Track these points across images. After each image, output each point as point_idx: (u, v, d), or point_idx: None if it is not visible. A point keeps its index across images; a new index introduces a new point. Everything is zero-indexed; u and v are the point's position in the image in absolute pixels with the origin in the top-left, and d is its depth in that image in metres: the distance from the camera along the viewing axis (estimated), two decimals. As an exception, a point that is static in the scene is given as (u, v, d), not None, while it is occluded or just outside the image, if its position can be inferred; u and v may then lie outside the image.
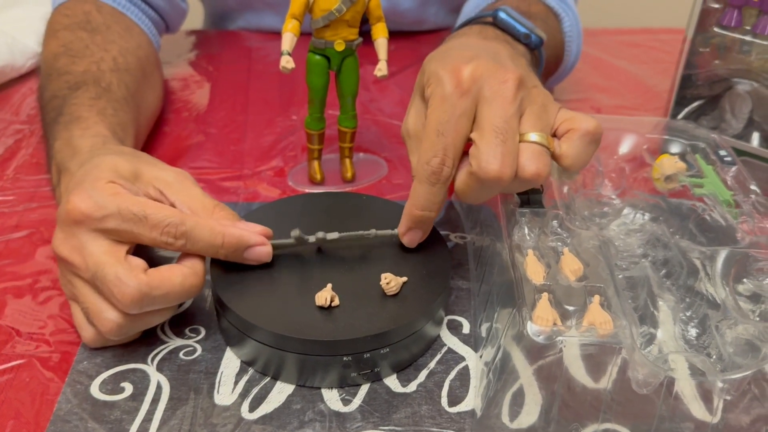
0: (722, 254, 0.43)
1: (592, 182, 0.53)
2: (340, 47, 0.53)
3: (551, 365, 0.37)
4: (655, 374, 0.36)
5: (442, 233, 0.48)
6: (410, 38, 0.90)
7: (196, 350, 0.43)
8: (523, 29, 0.54)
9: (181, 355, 0.43)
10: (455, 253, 0.52)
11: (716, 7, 0.57)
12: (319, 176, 0.59)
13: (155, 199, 0.43)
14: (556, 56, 0.65)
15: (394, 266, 0.44)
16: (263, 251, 0.43)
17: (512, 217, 0.45)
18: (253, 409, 0.40)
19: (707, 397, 0.37)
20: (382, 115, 0.73)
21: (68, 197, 0.40)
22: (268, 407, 0.40)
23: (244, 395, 0.41)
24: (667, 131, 0.55)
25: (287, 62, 0.50)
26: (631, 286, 0.44)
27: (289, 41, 0.51)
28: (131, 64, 0.62)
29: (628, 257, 0.47)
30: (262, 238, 0.43)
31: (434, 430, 0.39)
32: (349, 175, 0.60)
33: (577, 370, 0.38)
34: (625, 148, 0.55)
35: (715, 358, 0.40)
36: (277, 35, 0.91)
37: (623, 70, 0.86)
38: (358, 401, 0.40)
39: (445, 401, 0.41)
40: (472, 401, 0.41)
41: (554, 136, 0.43)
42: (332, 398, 0.41)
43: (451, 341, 0.45)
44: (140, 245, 0.42)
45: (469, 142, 0.42)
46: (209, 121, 0.71)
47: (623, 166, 0.54)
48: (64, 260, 0.40)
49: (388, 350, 0.41)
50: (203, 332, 0.45)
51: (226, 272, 0.43)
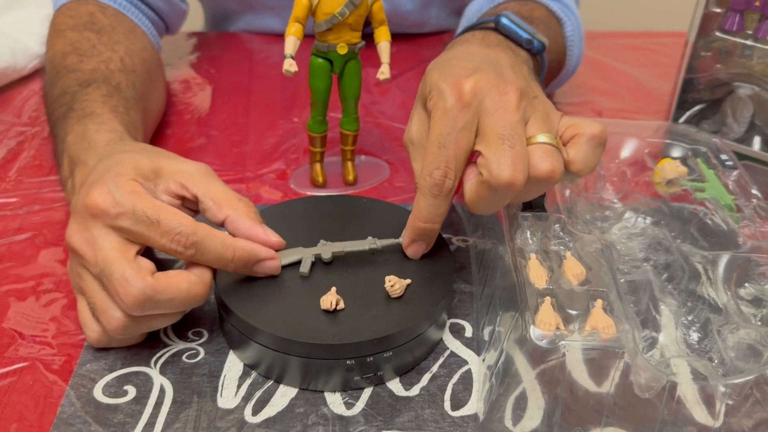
0: (724, 258, 0.43)
1: (593, 186, 0.53)
2: (342, 51, 0.53)
3: (554, 369, 0.37)
4: (657, 378, 0.36)
5: (444, 236, 0.48)
6: (411, 40, 0.90)
7: (199, 353, 0.43)
8: (525, 35, 0.54)
9: (184, 358, 0.43)
10: (457, 256, 0.52)
11: (718, 11, 0.58)
12: (321, 179, 0.60)
13: (177, 193, 0.43)
14: (558, 61, 0.65)
15: (397, 269, 0.45)
16: (273, 265, 0.43)
17: (514, 220, 0.45)
18: (256, 412, 0.40)
19: (709, 401, 0.37)
20: (383, 117, 0.73)
21: (88, 190, 0.41)
22: (271, 410, 0.40)
23: (247, 398, 0.41)
24: (668, 135, 0.55)
25: (290, 66, 0.50)
26: (632, 290, 0.44)
27: (292, 45, 0.51)
28: (138, 65, 0.62)
29: (629, 261, 0.47)
30: (271, 251, 0.43)
31: (437, 433, 0.39)
32: (351, 177, 0.60)
33: (579, 374, 0.38)
34: (626, 152, 0.55)
35: (716, 362, 0.40)
36: (278, 37, 0.91)
37: (624, 73, 0.86)
38: (361, 405, 0.40)
39: (448, 405, 0.41)
40: (474, 405, 0.41)
41: None
42: (335, 402, 0.41)
43: (453, 345, 0.45)
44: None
45: (473, 154, 0.42)
46: (211, 123, 0.71)
47: (625, 170, 0.54)
48: (75, 251, 0.41)
49: (391, 354, 0.41)
50: (206, 335, 0.45)
51: (229, 275, 0.43)
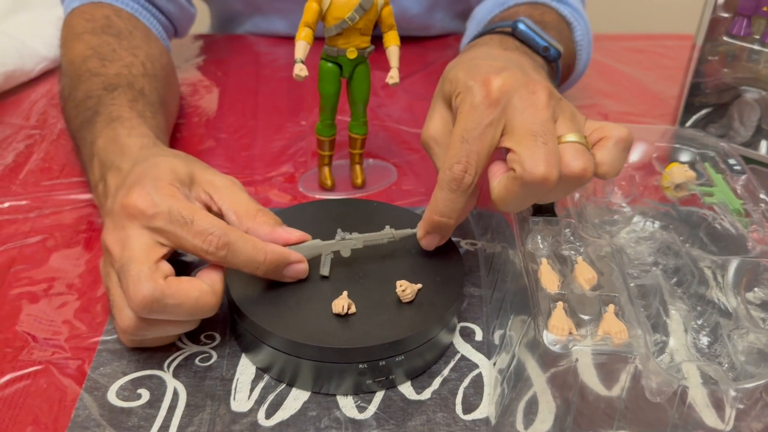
0: (734, 263, 0.43)
1: (602, 190, 0.53)
2: (352, 55, 0.53)
3: (565, 373, 0.37)
4: (668, 383, 0.36)
5: (453, 239, 0.49)
6: (417, 43, 0.90)
7: (211, 357, 0.44)
8: (542, 42, 0.54)
9: (197, 361, 0.43)
10: (466, 259, 0.53)
11: (726, 16, 0.58)
12: (329, 182, 0.60)
13: (205, 203, 0.44)
14: (568, 65, 0.66)
15: (408, 273, 0.45)
16: (301, 269, 0.44)
17: (525, 225, 0.45)
18: (269, 415, 0.40)
19: (719, 405, 0.38)
20: (390, 120, 0.73)
21: (128, 192, 0.41)
22: (284, 414, 0.40)
23: (260, 402, 0.41)
24: (676, 139, 0.55)
25: (300, 70, 0.50)
26: (642, 294, 0.44)
27: (302, 49, 0.51)
28: (158, 70, 0.62)
29: (639, 265, 0.48)
30: (300, 255, 0.43)
31: (449, 437, 0.39)
32: (359, 181, 0.60)
33: (589, 378, 0.38)
34: (634, 156, 0.55)
35: (726, 366, 0.40)
36: (285, 40, 0.91)
37: (629, 76, 0.86)
38: (373, 408, 0.41)
39: (459, 408, 0.41)
40: (486, 408, 0.41)
41: None
42: (347, 405, 0.41)
43: (464, 348, 0.45)
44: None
45: (497, 152, 0.42)
46: (219, 126, 0.71)
47: (633, 173, 0.54)
48: (106, 250, 0.41)
49: (403, 358, 0.41)
50: (218, 339, 0.45)
51: (241, 279, 0.44)
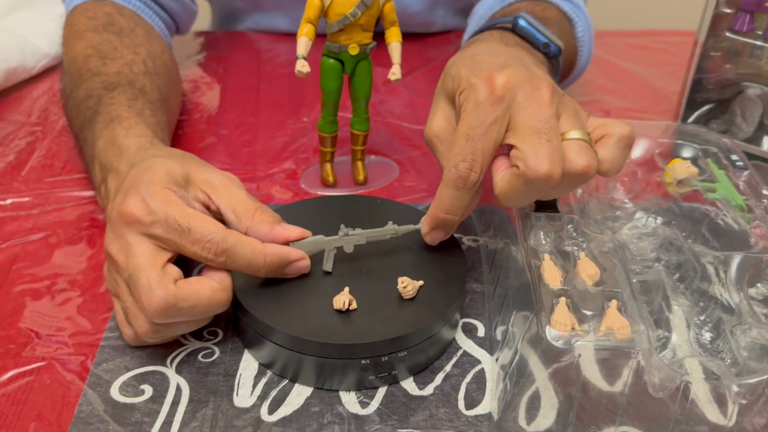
0: (736, 259, 0.43)
1: (604, 186, 0.53)
2: (354, 51, 0.53)
3: (567, 369, 0.37)
4: (671, 378, 0.36)
5: (455, 236, 0.49)
6: (418, 40, 0.90)
7: (214, 352, 0.44)
8: (542, 38, 0.54)
9: (199, 357, 0.43)
10: (468, 255, 0.53)
11: (728, 11, 0.58)
12: (331, 179, 0.60)
13: (203, 202, 0.43)
14: (569, 62, 0.66)
15: (411, 269, 0.45)
16: (303, 265, 0.44)
17: (527, 221, 0.45)
18: (272, 411, 0.40)
19: (722, 400, 0.38)
20: (392, 117, 0.73)
21: (123, 198, 0.41)
22: (287, 410, 0.40)
23: (263, 398, 0.41)
24: (678, 136, 0.55)
25: (303, 66, 0.50)
26: (645, 290, 0.44)
27: (304, 46, 0.51)
28: (159, 67, 0.62)
29: (641, 261, 0.48)
30: (301, 252, 0.43)
31: (452, 432, 0.39)
32: (361, 177, 0.60)
33: (592, 373, 0.38)
34: (637, 152, 0.55)
35: (729, 362, 0.40)
36: (286, 36, 0.91)
37: (631, 72, 0.86)
38: (375, 404, 0.41)
39: (462, 404, 0.41)
40: (488, 404, 0.41)
41: None
42: (350, 401, 0.41)
43: (466, 344, 0.45)
44: None
45: (501, 148, 0.42)
46: (221, 122, 0.71)
47: (635, 170, 0.54)
48: (110, 258, 0.41)
49: (405, 353, 0.41)
50: (221, 335, 0.45)
51: (243, 275, 0.44)
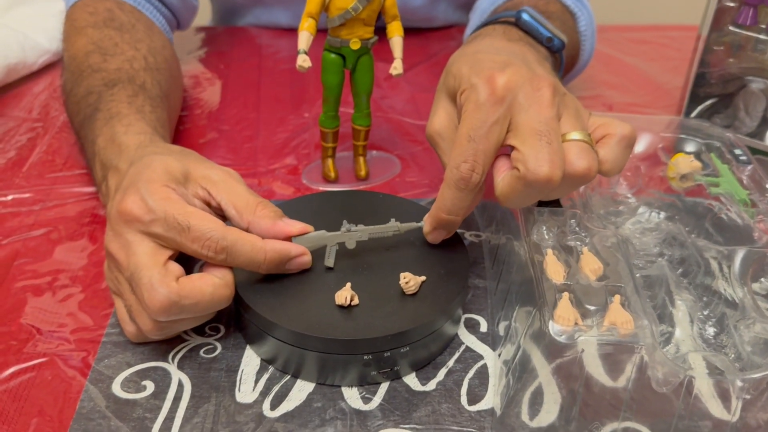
0: (740, 254, 0.43)
1: (607, 181, 0.53)
2: (355, 46, 0.53)
3: (570, 364, 0.37)
4: (675, 373, 0.36)
5: (457, 231, 0.49)
6: (420, 35, 0.90)
7: (216, 348, 0.44)
8: (546, 33, 0.54)
9: (201, 353, 0.43)
10: (470, 251, 0.52)
11: (731, 5, 0.57)
12: (333, 174, 0.60)
13: (203, 198, 0.43)
14: (572, 56, 0.65)
15: (413, 265, 0.45)
16: (304, 261, 0.43)
17: (530, 216, 0.45)
18: (274, 407, 0.40)
19: (725, 396, 0.38)
20: (393, 112, 0.73)
21: (122, 197, 0.41)
22: (289, 405, 0.40)
23: (265, 393, 0.41)
24: (681, 130, 0.55)
25: (304, 61, 0.50)
26: (648, 285, 0.44)
27: (305, 40, 0.51)
28: (160, 63, 0.62)
29: (644, 256, 0.47)
30: (301, 248, 0.43)
31: (455, 428, 0.39)
32: (363, 173, 0.60)
33: (595, 368, 0.38)
34: (640, 146, 0.55)
35: (733, 357, 0.40)
36: (287, 32, 0.91)
37: (633, 67, 0.86)
38: (378, 399, 0.41)
39: (464, 400, 0.41)
40: (491, 400, 0.41)
41: None
42: (352, 396, 0.41)
43: (468, 340, 0.45)
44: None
45: (502, 148, 0.42)
46: (222, 118, 0.71)
47: (638, 164, 0.54)
48: (111, 256, 0.41)
49: (407, 349, 0.41)
50: (223, 330, 0.45)
51: (245, 271, 0.44)
